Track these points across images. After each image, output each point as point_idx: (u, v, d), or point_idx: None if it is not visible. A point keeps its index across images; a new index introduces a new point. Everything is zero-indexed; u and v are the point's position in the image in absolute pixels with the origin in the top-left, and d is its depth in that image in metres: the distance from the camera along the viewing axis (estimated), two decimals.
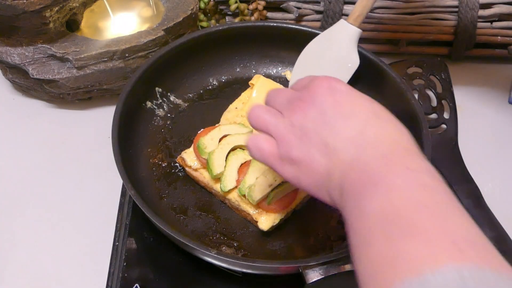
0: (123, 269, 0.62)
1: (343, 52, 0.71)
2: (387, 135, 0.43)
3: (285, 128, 0.48)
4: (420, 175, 0.39)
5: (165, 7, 0.85)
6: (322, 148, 0.45)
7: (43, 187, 0.72)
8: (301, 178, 0.47)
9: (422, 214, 0.35)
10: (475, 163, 0.75)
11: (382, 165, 0.40)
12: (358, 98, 0.47)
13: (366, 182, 0.39)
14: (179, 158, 0.68)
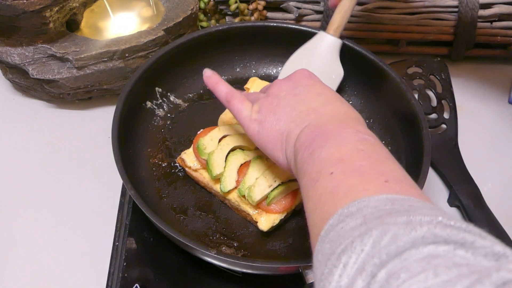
0: (123, 269, 0.62)
1: (326, 64, 0.71)
2: (343, 111, 0.50)
3: (261, 96, 0.56)
4: (366, 136, 0.45)
5: (165, 7, 0.85)
6: (289, 111, 0.51)
7: (43, 187, 0.72)
8: (261, 134, 0.53)
9: (362, 159, 0.41)
10: (475, 163, 0.75)
11: (335, 126, 0.47)
12: (327, 87, 0.54)
13: (319, 134, 0.46)
14: (179, 158, 0.68)
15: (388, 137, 0.73)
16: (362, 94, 0.77)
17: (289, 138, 0.50)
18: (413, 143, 0.66)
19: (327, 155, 0.43)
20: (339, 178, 0.40)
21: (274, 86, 0.55)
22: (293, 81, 0.55)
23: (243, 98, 0.57)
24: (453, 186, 0.71)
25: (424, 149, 0.63)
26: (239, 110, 0.56)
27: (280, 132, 0.51)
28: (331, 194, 0.39)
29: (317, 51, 0.71)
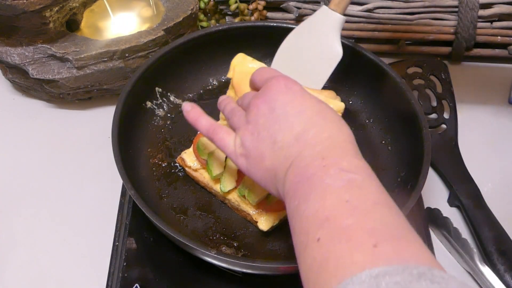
0: (123, 269, 0.62)
1: (326, 42, 0.65)
2: (327, 135, 0.46)
3: (242, 124, 0.51)
4: (351, 175, 0.41)
5: (165, 7, 0.85)
6: (270, 144, 0.48)
7: (43, 187, 0.72)
8: (251, 170, 0.50)
9: (349, 214, 0.37)
10: (475, 163, 0.75)
11: (320, 167, 0.42)
12: (308, 98, 0.49)
13: (302, 182, 0.42)
14: (179, 158, 0.68)
15: (388, 137, 0.73)
16: (362, 94, 0.77)
17: (277, 177, 0.47)
18: (413, 143, 0.66)
19: (312, 212, 0.39)
20: (327, 246, 0.36)
21: (252, 109, 0.50)
22: (269, 101, 0.49)
23: (226, 131, 0.53)
24: (453, 186, 0.71)
25: (424, 149, 0.63)
26: (223, 146, 0.53)
27: (267, 170, 0.48)
28: (320, 268, 0.36)
29: (316, 28, 0.66)
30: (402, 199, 0.61)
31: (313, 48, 0.65)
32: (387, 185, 0.66)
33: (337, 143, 0.45)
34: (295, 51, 0.67)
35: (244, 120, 0.51)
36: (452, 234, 0.66)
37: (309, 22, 0.67)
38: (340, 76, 0.79)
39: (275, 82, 0.50)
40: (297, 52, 0.67)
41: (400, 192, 0.65)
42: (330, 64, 0.66)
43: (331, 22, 0.65)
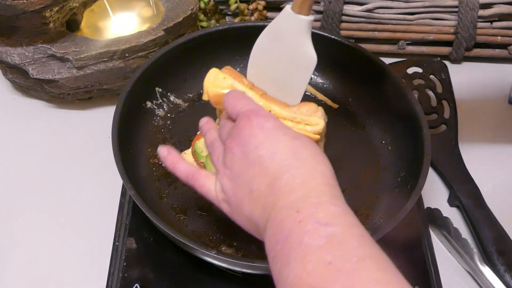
0: (123, 269, 0.62)
1: (296, 48, 0.58)
2: (299, 180, 0.43)
3: (221, 166, 0.50)
4: (330, 229, 0.38)
5: (165, 7, 0.85)
6: (247, 192, 0.46)
7: (43, 187, 0.72)
8: (234, 216, 0.49)
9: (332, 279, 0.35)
10: (475, 163, 0.75)
11: (295, 222, 0.40)
12: (281, 136, 0.46)
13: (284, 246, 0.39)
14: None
15: (388, 137, 0.73)
16: (362, 94, 0.77)
17: (258, 228, 0.45)
18: (413, 143, 0.66)
19: (296, 279, 0.37)
20: None
21: (227, 152, 0.49)
22: (242, 145, 0.47)
23: (205, 176, 0.52)
24: (453, 186, 0.71)
25: (424, 149, 0.63)
26: (205, 192, 0.51)
27: (248, 218, 0.46)
28: None
29: (282, 33, 0.58)
30: (402, 199, 0.61)
31: (284, 55, 0.59)
32: (387, 185, 0.67)
33: (312, 189, 0.42)
34: (267, 59, 0.61)
35: (222, 161, 0.49)
36: (452, 234, 0.66)
37: (274, 26, 0.60)
38: (340, 76, 0.79)
39: (247, 122, 0.48)
40: (269, 60, 0.60)
41: (400, 192, 0.65)
42: (305, 71, 0.59)
43: (298, 25, 0.57)
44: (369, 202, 0.66)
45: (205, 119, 0.59)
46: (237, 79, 0.61)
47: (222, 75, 0.61)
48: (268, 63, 0.61)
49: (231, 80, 0.61)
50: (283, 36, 0.59)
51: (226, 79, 0.61)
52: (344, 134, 0.74)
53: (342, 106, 0.77)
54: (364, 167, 0.70)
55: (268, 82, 0.61)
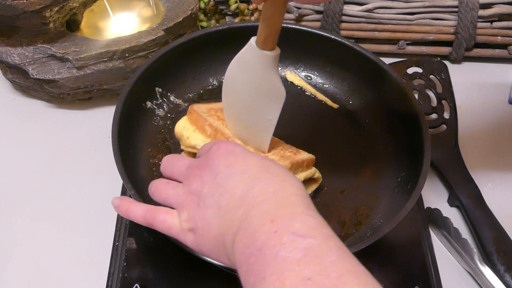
0: (123, 269, 0.62)
1: (264, 81, 0.57)
2: (272, 189, 0.42)
3: (184, 197, 0.48)
4: (307, 241, 0.37)
5: (165, 7, 0.85)
6: (216, 210, 0.44)
7: (43, 187, 0.72)
8: (200, 244, 0.47)
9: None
10: (475, 163, 0.75)
11: (270, 233, 0.38)
12: (251, 157, 0.47)
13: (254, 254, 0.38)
14: None
15: (388, 137, 0.73)
16: (362, 94, 0.77)
17: (225, 245, 0.43)
18: (413, 143, 0.66)
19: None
20: None
21: (194, 178, 0.48)
22: (211, 167, 0.46)
23: (165, 212, 0.50)
24: (453, 186, 0.71)
25: (424, 149, 0.63)
26: (167, 228, 0.49)
27: (216, 239, 0.44)
28: None
29: (250, 66, 0.57)
30: (402, 199, 0.61)
31: (253, 87, 0.58)
32: (387, 185, 0.67)
33: (285, 198, 0.41)
34: (237, 88, 0.60)
35: (187, 191, 0.48)
36: (452, 234, 0.66)
37: (240, 58, 0.59)
38: (340, 76, 0.79)
39: (216, 148, 0.48)
40: (240, 89, 0.60)
41: (400, 192, 0.65)
42: (275, 105, 0.58)
43: (263, 60, 0.56)
44: (369, 202, 0.66)
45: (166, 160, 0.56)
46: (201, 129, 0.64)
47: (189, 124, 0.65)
48: (239, 93, 0.60)
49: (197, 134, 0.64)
50: (251, 69, 0.57)
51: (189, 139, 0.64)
52: (344, 134, 0.74)
53: (342, 106, 0.77)
54: (364, 167, 0.70)
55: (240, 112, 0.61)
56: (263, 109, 0.59)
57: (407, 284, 0.62)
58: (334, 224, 0.64)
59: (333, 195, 0.67)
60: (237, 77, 0.60)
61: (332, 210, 0.66)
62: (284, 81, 0.80)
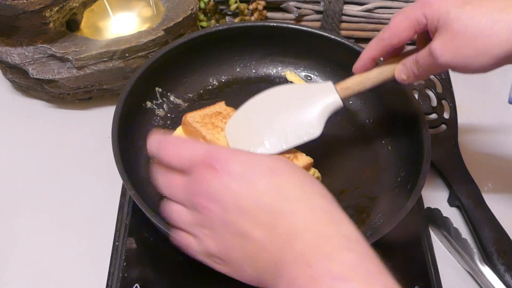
0: (123, 269, 0.62)
1: (312, 115, 0.61)
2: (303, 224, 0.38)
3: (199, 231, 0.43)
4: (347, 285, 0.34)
5: (165, 7, 0.85)
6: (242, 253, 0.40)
7: (43, 187, 0.72)
8: (236, 276, 0.43)
9: None
10: (475, 163, 0.75)
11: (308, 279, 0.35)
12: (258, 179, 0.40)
13: None
14: None
15: (388, 137, 0.73)
16: (362, 94, 0.77)
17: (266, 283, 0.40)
18: (413, 143, 0.66)
19: None
20: None
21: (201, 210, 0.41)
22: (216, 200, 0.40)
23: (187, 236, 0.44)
24: (453, 186, 0.71)
25: (424, 149, 0.63)
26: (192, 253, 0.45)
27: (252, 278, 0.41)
28: None
29: (312, 97, 0.61)
30: (402, 199, 0.61)
31: (297, 113, 0.61)
32: (387, 185, 0.67)
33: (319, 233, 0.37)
34: (278, 106, 0.62)
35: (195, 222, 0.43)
36: (452, 234, 0.66)
37: (308, 88, 0.63)
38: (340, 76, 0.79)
39: (210, 172, 0.40)
40: (280, 107, 0.62)
41: (400, 192, 0.65)
42: (304, 137, 0.61)
43: (329, 101, 0.61)
44: (369, 202, 0.66)
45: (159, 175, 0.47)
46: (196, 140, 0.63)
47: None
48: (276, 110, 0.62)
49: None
50: (310, 100, 0.61)
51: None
52: (344, 134, 0.74)
53: None
54: (364, 167, 0.70)
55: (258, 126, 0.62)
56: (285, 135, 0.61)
57: (407, 284, 0.61)
58: None
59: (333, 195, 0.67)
60: (286, 98, 0.62)
61: None
62: (284, 81, 0.80)
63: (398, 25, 0.55)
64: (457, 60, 0.50)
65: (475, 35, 0.48)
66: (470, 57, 0.49)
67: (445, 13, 0.50)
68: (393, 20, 0.55)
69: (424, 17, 0.52)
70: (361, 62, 0.61)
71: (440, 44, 0.51)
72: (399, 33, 0.55)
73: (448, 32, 0.50)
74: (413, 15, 0.53)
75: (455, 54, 0.50)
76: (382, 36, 0.57)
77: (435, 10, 0.51)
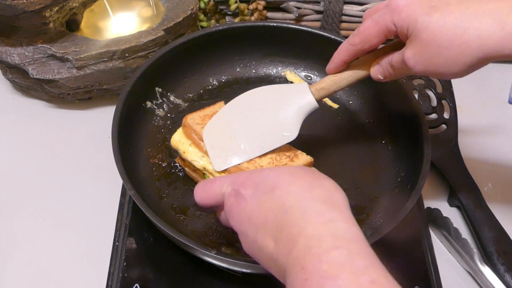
0: (123, 269, 0.62)
1: (288, 117, 0.62)
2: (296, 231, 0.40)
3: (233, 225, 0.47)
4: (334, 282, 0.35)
5: (165, 7, 0.85)
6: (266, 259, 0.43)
7: (43, 187, 0.72)
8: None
9: None
10: (475, 163, 0.75)
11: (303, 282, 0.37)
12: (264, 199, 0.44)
13: None
14: (178, 158, 0.68)
15: (388, 137, 0.73)
16: (362, 94, 0.77)
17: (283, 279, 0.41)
18: (413, 143, 0.66)
19: None
20: None
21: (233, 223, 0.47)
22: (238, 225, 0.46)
23: None
24: (453, 186, 0.71)
25: (424, 149, 0.63)
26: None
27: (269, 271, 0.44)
28: None
29: (288, 99, 0.62)
30: (402, 199, 0.61)
31: (273, 114, 0.62)
32: (387, 185, 0.67)
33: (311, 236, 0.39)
34: (255, 106, 0.64)
35: None
36: (452, 234, 0.66)
37: (285, 88, 0.64)
38: None
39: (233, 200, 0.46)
40: (257, 108, 0.64)
41: (400, 192, 0.65)
42: (280, 140, 0.62)
43: (303, 102, 0.61)
44: (369, 202, 0.66)
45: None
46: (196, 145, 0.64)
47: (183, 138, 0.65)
48: (254, 111, 0.63)
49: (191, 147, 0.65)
50: (286, 101, 0.62)
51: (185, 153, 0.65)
52: (344, 134, 0.74)
53: (342, 106, 0.78)
54: (364, 167, 0.70)
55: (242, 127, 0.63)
56: (263, 138, 0.62)
57: (407, 284, 0.62)
58: None
59: None
60: (262, 99, 0.63)
61: None
62: (284, 81, 0.80)
63: (368, 31, 0.54)
64: (430, 70, 0.51)
65: (445, 45, 0.48)
66: (442, 66, 0.49)
67: (414, 21, 0.49)
68: (364, 25, 0.55)
69: (393, 25, 0.52)
70: (333, 64, 0.61)
71: (412, 54, 0.51)
72: (369, 39, 0.55)
73: (418, 41, 0.50)
74: (383, 21, 0.52)
75: (427, 64, 0.50)
76: (353, 41, 0.56)
77: (404, 17, 0.50)
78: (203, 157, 0.64)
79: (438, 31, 0.48)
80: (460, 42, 0.47)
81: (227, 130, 0.63)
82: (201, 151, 0.64)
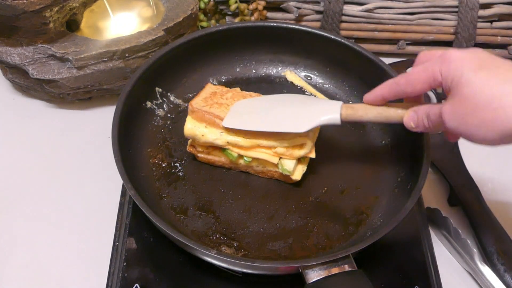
0: (123, 269, 0.62)
1: (307, 116, 0.63)
2: None
3: None
4: None
5: (165, 7, 0.85)
6: None
7: (43, 187, 0.72)
8: None
9: None
10: (475, 163, 0.75)
11: None
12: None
13: None
14: (189, 146, 0.69)
15: (388, 137, 0.73)
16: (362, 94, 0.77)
17: None
18: (413, 143, 0.66)
19: None
20: None
21: None
22: None
23: None
24: (453, 186, 0.71)
25: (424, 149, 0.63)
26: None
27: None
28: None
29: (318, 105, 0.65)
30: (402, 199, 0.61)
31: (294, 110, 0.65)
32: (387, 185, 0.67)
33: None
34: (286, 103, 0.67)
35: None
36: (452, 234, 0.66)
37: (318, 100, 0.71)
38: (340, 76, 0.79)
39: None
40: (286, 104, 0.67)
41: (400, 192, 0.65)
42: (285, 126, 0.64)
43: (329, 114, 0.62)
44: (369, 202, 0.66)
45: None
46: (211, 123, 0.66)
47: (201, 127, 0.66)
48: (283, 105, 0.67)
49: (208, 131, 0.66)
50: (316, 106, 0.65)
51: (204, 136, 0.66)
52: (344, 134, 0.74)
53: None
54: (364, 167, 0.70)
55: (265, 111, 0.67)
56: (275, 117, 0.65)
57: (407, 284, 0.62)
58: (335, 224, 0.64)
59: (333, 195, 0.67)
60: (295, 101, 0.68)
61: (332, 210, 0.66)
62: (284, 81, 0.80)
63: (415, 76, 0.54)
64: (462, 128, 0.49)
65: (482, 104, 0.46)
66: (474, 127, 0.48)
67: (459, 75, 0.48)
68: (413, 69, 0.54)
69: (440, 74, 0.51)
70: (372, 95, 0.60)
71: (449, 108, 0.50)
72: (414, 83, 0.54)
73: (458, 96, 0.49)
74: (431, 69, 0.52)
75: (461, 122, 0.49)
76: (399, 81, 0.56)
77: (451, 69, 0.49)
78: (222, 134, 0.65)
79: (479, 89, 0.47)
80: (497, 106, 0.46)
81: (253, 107, 0.67)
82: (218, 127, 0.65)
